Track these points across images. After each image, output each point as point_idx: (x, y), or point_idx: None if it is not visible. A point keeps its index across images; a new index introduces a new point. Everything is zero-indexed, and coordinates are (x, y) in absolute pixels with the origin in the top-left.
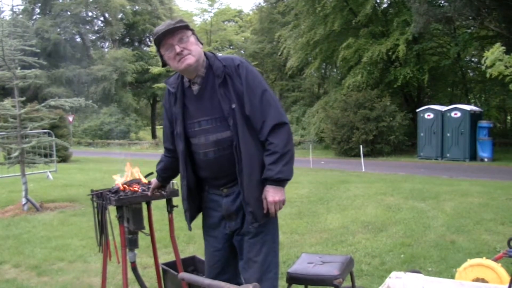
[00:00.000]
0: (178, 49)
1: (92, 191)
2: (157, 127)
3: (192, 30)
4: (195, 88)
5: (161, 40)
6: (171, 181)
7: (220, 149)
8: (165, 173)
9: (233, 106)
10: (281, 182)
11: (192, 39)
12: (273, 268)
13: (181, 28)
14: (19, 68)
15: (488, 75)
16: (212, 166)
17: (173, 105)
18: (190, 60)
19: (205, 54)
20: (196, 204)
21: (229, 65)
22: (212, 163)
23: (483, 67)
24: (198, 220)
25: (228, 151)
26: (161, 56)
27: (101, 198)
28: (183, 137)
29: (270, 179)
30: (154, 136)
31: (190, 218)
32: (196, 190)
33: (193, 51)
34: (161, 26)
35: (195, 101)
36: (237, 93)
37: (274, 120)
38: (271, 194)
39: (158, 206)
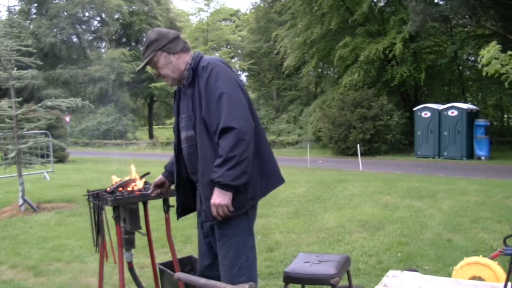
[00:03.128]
0: (155, 75)
1: (88, 191)
2: (154, 127)
3: (161, 48)
4: (183, 89)
5: None
6: None
7: (190, 145)
8: (172, 167)
9: (190, 105)
10: (223, 186)
11: (161, 61)
12: (245, 272)
13: (146, 58)
14: (15, 68)
15: (484, 74)
16: (187, 161)
17: (174, 101)
18: (168, 81)
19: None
20: (184, 195)
21: (198, 66)
22: (186, 159)
23: (479, 66)
24: (194, 218)
25: (193, 149)
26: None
27: (97, 199)
28: (176, 132)
29: (214, 181)
30: (151, 136)
31: (178, 209)
32: (187, 181)
33: (165, 74)
34: (143, 45)
35: (182, 98)
36: (199, 94)
37: (223, 123)
38: (214, 196)
39: (155, 206)
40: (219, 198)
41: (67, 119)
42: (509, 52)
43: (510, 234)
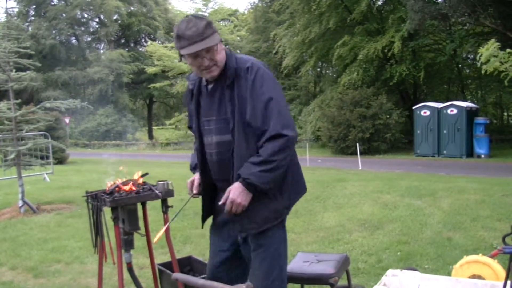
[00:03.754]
0: (207, 62)
1: (86, 192)
2: (154, 127)
3: (217, 33)
4: (210, 86)
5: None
6: (166, 181)
7: (221, 151)
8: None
9: (232, 109)
10: (249, 185)
11: (220, 46)
12: (278, 284)
13: (207, 39)
14: (14, 70)
15: (483, 72)
16: (214, 168)
17: (189, 102)
18: (215, 72)
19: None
20: (210, 202)
21: (240, 67)
22: (214, 165)
23: (478, 64)
24: (195, 219)
25: (228, 155)
26: (181, 55)
27: (95, 200)
28: (198, 134)
29: (240, 177)
30: (151, 136)
31: (204, 217)
32: (211, 187)
33: (219, 62)
34: (188, 31)
35: (207, 99)
36: (241, 97)
37: (274, 130)
38: (234, 192)
39: (155, 206)
40: (241, 197)
41: (67, 120)
42: (508, 50)
43: (509, 233)
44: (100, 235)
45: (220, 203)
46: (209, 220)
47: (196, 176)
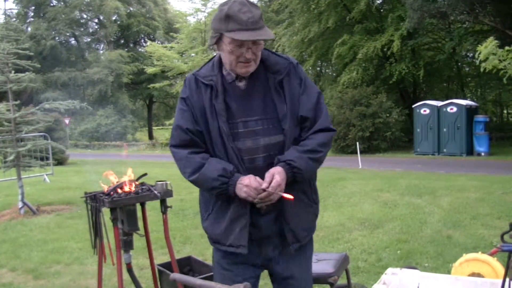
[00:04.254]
0: (249, 55)
1: (85, 193)
2: (154, 128)
3: None
4: (242, 83)
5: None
6: (165, 182)
7: (270, 155)
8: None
9: (287, 107)
10: (292, 169)
11: (272, 34)
12: (310, 286)
13: (263, 30)
14: (12, 71)
15: (482, 70)
16: (258, 176)
17: (213, 100)
18: (252, 67)
19: None
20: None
21: (289, 63)
22: (259, 172)
23: (477, 62)
24: (195, 220)
25: (273, 160)
26: (219, 38)
27: (94, 200)
28: (231, 138)
29: (281, 160)
30: (151, 137)
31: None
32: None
33: (258, 58)
34: (242, 15)
35: (240, 98)
36: (293, 94)
37: (323, 123)
38: (281, 175)
39: (155, 207)
40: (283, 183)
41: (67, 121)
42: (506, 48)
43: (507, 231)
44: (100, 236)
45: (263, 186)
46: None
47: (248, 176)
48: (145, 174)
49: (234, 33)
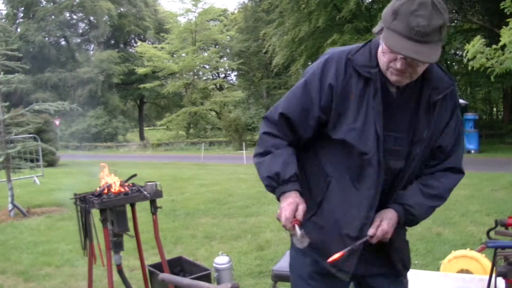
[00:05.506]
0: (401, 66)
1: (75, 194)
2: (145, 128)
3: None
4: (394, 90)
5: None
6: (154, 182)
7: (390, 179)
8: (294, 168)
9: (426, 133)
10: (408, 215)
11: (438, 56)
12: None
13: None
14: (2, 73)
15: (470, 68)
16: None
17: (370, 97)
18: (405, 80)
19: None
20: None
21: (448, 84)
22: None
23: (465, 60)
24: (186, 220)
25: (391, 183)
26: (381, 29)
27: (84, 202)
28: (382, 144)
29: (399, 202)
30: (142, 137)
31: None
32: None
33: (416, 74)
34: (413, 20)
35: (389, 107)
36: (441, 119)
37: (456, 163)
38: (389, 223)
39: (145, 208)
40: (391, 230)
41: (57, 122)
42: (494, 46)
43: (492, 227)
44: (89, 238)
45: (369, 233)
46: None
47: (297, 197)
48: (134, 175)
49: (391, 35)
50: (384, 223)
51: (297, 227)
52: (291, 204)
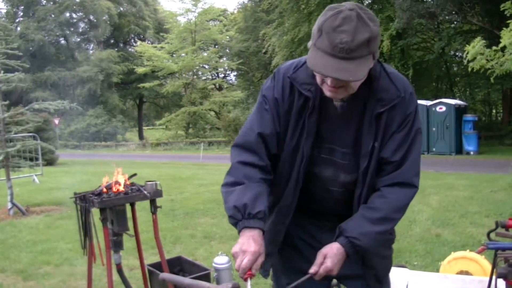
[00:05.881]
0: (331, 83)
1: (75, 193)
2: (144, 128)
3: (375, 53)
4: (338, 103)
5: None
6: (154, 182)
7: (347, 190)
8: (264, 204)
9: (375, 144)
10: (354, 247)
11: (365, 72)
12: None
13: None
14: (1, 71)
15: (470, 69)
16: (331, 204)
17: (306, 115)
18: (340, 95)
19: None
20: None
21: (399, 93)
22: (333, 202)
23: (465, 62)
24: (185, 220)
25: (350, 194)
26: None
27: (84, 201)
28: (305, 164)
29: (344, 235)
30: (141, 137)
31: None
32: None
33: (351, 88)
34: (336, 36)
35: (334, 121)
36: (386, 130)
37: (406, 177)
38: (333, 260)
39: (145, 207)
40: (338, 266)
41: (56, 121)
42: (494, 48)
43: (493, 228)
44: (89, 237)
45: (311, 271)
46: None
47: (260, 242)
48: (134, 174)
49: (316, 53)
50: (328, 261)
51: (249, 282)
52: (254, 253)
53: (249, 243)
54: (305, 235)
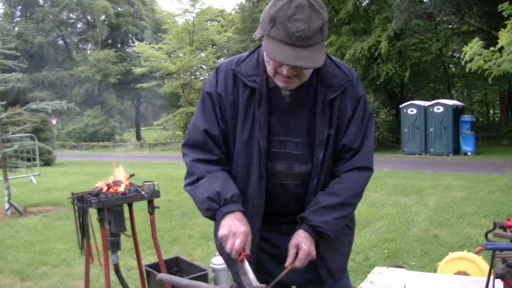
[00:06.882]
0: (288, 72)
1: (72, 194)
2: (142, 128)
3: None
4: (287, 93)
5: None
6: (152, 182)
7: (303, 183)
8: (235, 187)
9: (330, 132)
10: (317, 233)
11: (323, 58)
12: None
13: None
14: None
15: (467, 70)
16: (286, 200)
17: (254, 107)
18: (293, 84)
19: None
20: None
21: (348, 78)
22: (289, 198)
23: (463, 62)
24: (183, 220)
25: (304, 187)
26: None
27: (82, 201)
28: (264, 155)
29: (307, 223)
30: (138, 137)
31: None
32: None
33: (304, 76)
34: (292, 25)
35: (283, 111)
36: (341, 116)
37: (363, 161)
38: (308, 244)
39: (142, 208)
40: (313, 248)
41: (54, 122)
42: (491, 48)
43: (491, 229)
44: (87, 237)
45: (287, 263)
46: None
47: (245, 222)
48: (132, 175)
49: (272, 43)
50: (302, 245)
51: (246, 264)
52: (244, 233)
53: (236, 225)
54: (265, 245)
